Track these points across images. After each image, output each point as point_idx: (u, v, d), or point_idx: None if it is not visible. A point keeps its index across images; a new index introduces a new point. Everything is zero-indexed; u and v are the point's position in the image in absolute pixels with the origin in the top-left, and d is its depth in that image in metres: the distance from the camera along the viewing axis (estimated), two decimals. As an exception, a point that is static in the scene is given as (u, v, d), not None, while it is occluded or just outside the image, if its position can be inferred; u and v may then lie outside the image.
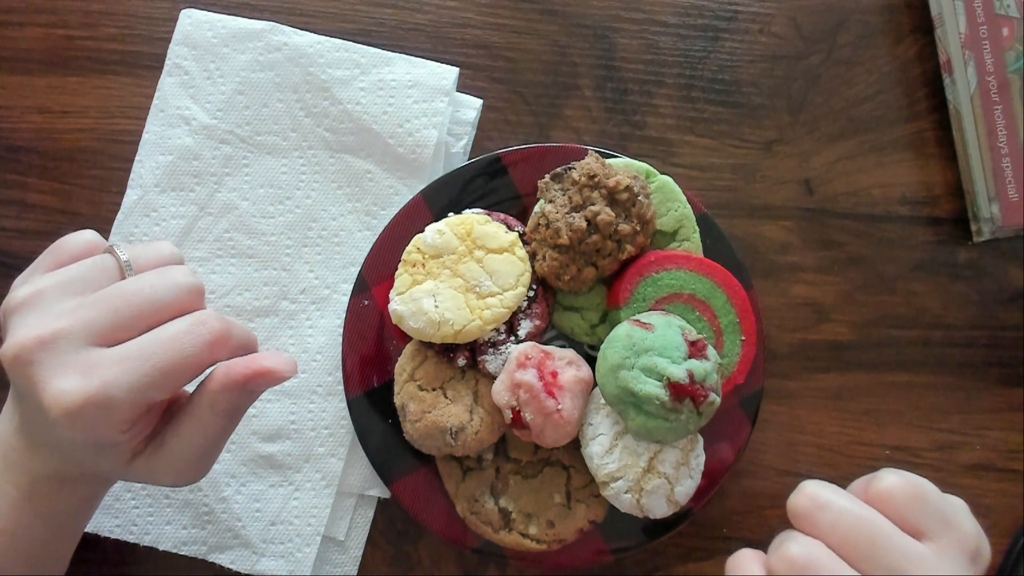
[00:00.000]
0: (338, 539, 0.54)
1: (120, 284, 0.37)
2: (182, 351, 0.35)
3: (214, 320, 0.37)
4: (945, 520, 0.35)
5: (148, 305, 0.36)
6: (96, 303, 0.36)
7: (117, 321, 0.36)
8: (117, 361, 0.35)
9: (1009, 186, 0.56)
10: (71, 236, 0.40)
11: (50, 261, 0.39)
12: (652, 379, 0.45)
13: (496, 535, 0.51)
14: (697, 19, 0.60)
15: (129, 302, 0.36)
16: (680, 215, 0.52)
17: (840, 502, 0.35)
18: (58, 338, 0.35)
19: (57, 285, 0.37)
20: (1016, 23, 0.56)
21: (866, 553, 0.33)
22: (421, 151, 0.55)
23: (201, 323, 0.36)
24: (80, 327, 0.35)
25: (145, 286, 0.37)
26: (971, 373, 0.58)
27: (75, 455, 0.38)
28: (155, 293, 0.37)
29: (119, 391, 0.34)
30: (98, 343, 0.35)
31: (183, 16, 0.57)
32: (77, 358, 0.34)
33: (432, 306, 0.49)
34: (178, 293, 0.37)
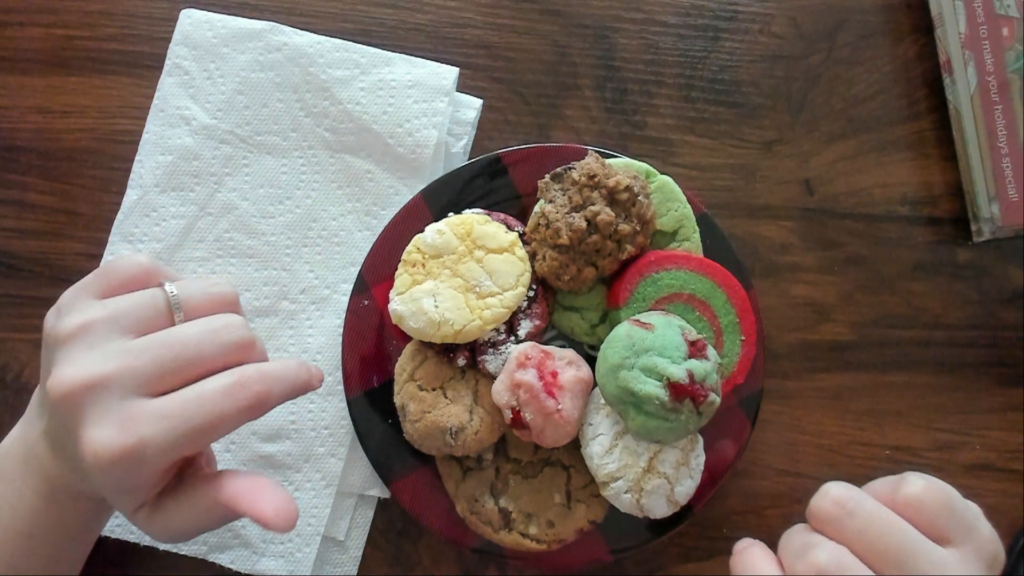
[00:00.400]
0: (338, 539, 0.54)
1: (169, 333, 0.37)
2: (221, 414, 0.35)
3: (256, 382, 0.36)
4: (968, 527, 0.35)
5: (195, 360, 0.36)
6: (143, 352, 0.36)
7: (162, 373, 0.35)
8: (156, 418, 0.35)
9: (1009, 186, 0.56)
10: (124, 260, 0.39)
11: (102, 286, 0.38)
12: (652, 379, 0.45)
13: (496, 535, 0.51)
14: (697, 19, 0.60)
15: (177, 356, 0.36)
16: (680, 215, 0.52)
17: (868, 507, 0.35)
18: (103, 385, 0.34)
19: (106, 321, 0.36)
20: (1016, 23, 0.56)
21: (894, 561, 0.34)
22: (421, 151, 0.55)
23: (242, 387, 0.36)
24: (126, 376, 0.35)
25: (193, 338, 0.36)
26: (971, 373, 0.58)
27: (97, 489, 0.39)
28: (202, 348, 0.36)
29: (153, 449, 0.34)
30: (141, 393, 0.35)
31: (183, 16, 0.57)
32: (119, 408, 0.34)
33: (432, 306, 0.49)
34: (226, 350, 0.37)
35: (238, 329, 0.38)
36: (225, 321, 0.37)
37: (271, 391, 0.37)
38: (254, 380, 0.36)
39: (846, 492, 0.36)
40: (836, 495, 0.36)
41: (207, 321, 0.37)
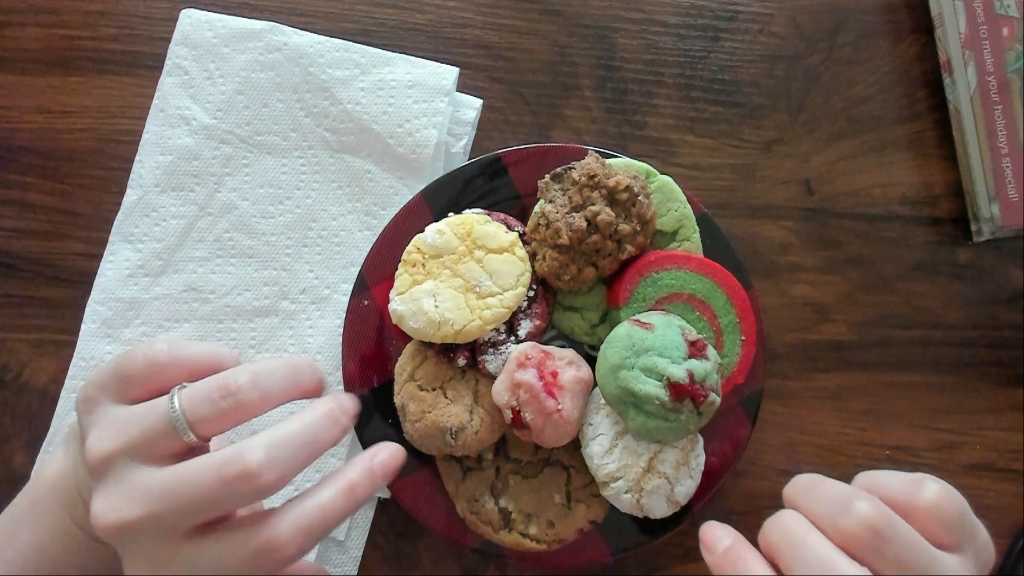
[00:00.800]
0: (338, 539, 0.54)
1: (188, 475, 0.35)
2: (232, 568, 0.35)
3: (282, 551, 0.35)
4: (972, 534, 0.35)
5: (213, 505, 0.35)
6: (165, 496, 0.35)
7: (184, 519, 0.35)
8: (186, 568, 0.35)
9: (1009, 186, 0.56)
10: (138, 357, 0.37)
11: (119, 389, 0.37)
12: (652, 379, 0.45)
13: (496, 535, 0.51)
14: (697, 19, 0.60)
15: (198, 503, 0.34)
16: (680, 215, 0.52)
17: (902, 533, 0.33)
18: (135, 530, 0.35)
19: (123, 453, 0.35)
20: (1016, 23, 0.56)
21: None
22: (421, 151, 0.55)
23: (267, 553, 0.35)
24: (151, 523, 0.35)
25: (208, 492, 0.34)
26: (971, 373, 0.58)
27: None
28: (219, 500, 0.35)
29: None
30: (172, 537, 0.35)
31: (183, 16, 0.57)
32: (155, 551, 0.35)
33: (432, 306, 0.49)
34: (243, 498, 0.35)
35: (259, 478, 0.34)
36: (242, 471, 0.34)
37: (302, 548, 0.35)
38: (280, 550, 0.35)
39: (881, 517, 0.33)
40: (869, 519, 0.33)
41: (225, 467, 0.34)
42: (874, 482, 0.36)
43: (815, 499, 0.35)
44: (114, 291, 0.55)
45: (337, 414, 0.38)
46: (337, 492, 0.36)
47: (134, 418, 0.36)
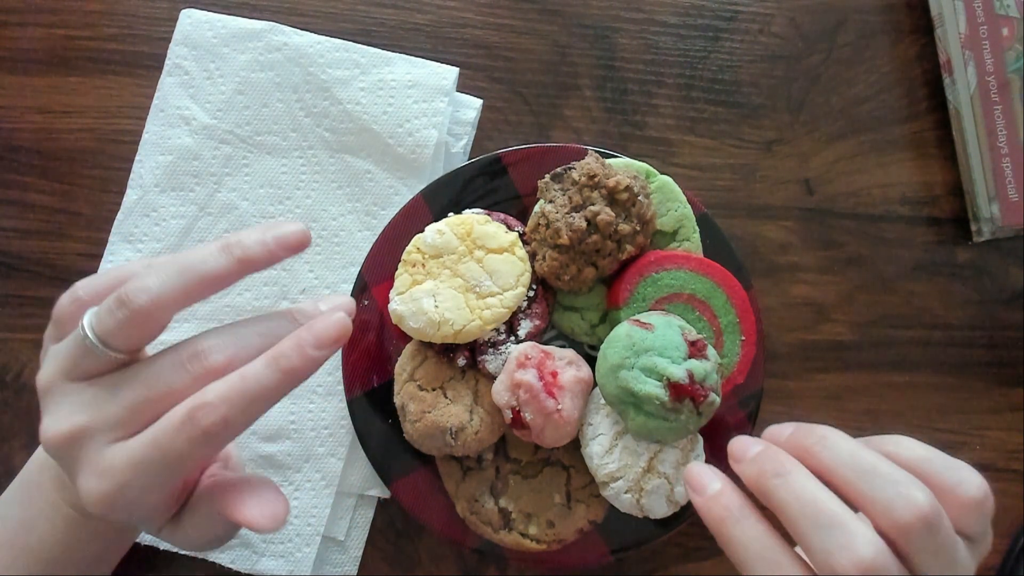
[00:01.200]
0: (338, 539, 0.54)
1: (136, 372, 0.35)
2: (175, 451, 0.34)
3: (205, 416, 0.34)
4: (987, 527, 0.35)
5: (165, 394, 0.35)
6: (111, 398, 0.35)
7: (133, 415, 0.35)
8: (128, 465, 0.34)
9: (1009, 186, 0.56)
10: (63, 301, 0.38)
11: (54, 332, 0.38)
12: (652, 379, 0.45)
13: (496, 535, 0.51)
14: (697, 19, 0.60)
15: (145, 396, 0.35)
16: (680, 215, 0.52)
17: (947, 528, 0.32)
18: (82, 436, 0.34)
19: (60, 373, 0.36)
20: (1016, 23, 0.56)
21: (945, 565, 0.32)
22: (421, 151, 0.55)
23: (189, 420, 0.34)
24: (100, 424, 0.35)
25: (160, 375, 0.35)
26: (971, 373, 0.58)
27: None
28: (171, 383, 0.35)
29: (135, 490, 0.34)
30: (117, 438, 0.35)
31: (183, 16, 0.57)
32: (98, 458, 0.34)
33: (432, 306, 0.49)
34: (196, 379, 0.35)
35: (208, 357, 0.35)
36: (192, 352, 0.35)
37: (226, 417, 0.34)
38: (205, 411, 0.34)
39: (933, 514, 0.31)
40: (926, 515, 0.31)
41: (175, 354, 0.35)
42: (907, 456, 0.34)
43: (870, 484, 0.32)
44: (114, 291, 0.55)
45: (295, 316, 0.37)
46: (263, 361, 0.35)
47: (61, 346, 0.36)
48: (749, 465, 0.34)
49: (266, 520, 0.35)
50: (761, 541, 0.33)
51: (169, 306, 0.35)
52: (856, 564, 0.29)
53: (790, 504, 0.32)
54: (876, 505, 0.31)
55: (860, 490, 0.32)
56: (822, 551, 0.30)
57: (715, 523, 0.34)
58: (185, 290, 0.35)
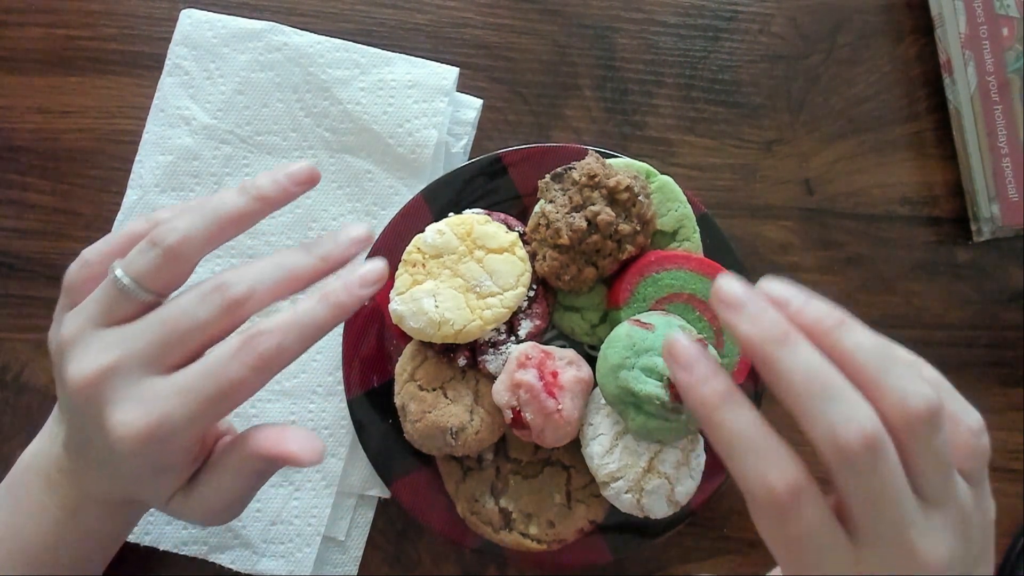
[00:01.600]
0: (338, 539, 0.54)
1: (162, 310, 0.36)
2: (230, 380, 0.35)
3: (261, 343, 0.35)
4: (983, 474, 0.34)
5: (195, 328, 0.35)
6: (140, 334, 0.36)
7: (165, 350, 0.35)
8: (175, 393, 0.35)
9: (1009, 186, 0.56)
10: (73, 269, 0.39)
11: (66, 300, 0.39)
12: (652, 379, 0.45)
13: (496, 535, 0.51)
14: (697, 19, 0.60)
15: (173, 330, 0.35)
16: (680, 215, 0.52)
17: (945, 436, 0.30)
18: (116, 370, 0.35)
19: (89, 320, 0.36)
20: (1016, 23, 0.56)
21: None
22: (421, 151, 0.55)
23: (247, 349, 0.35)
24: (134, 356, 0.35)
25: (185, 309, 0.36)
26: (971, 373, 0.58)
27: (127, 480, 0.38)
28: (196, 316, 0.35)
29: (177, 422, 0.35)
30: (154, 372, 0.35)
31: (183, 16, 0.57)
32: (138, 389, 0.35)
33: (432, 306, 0.49)
34: (218, 312, 0.36)
35: (229, 289, 0.36)
36: (214, 285, 0.36)
37: (280, 345, 0.35)
38: (260, 340, 0.35)
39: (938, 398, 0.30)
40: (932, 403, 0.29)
41: (197, 288, 0.36)
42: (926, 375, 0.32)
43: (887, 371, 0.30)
44: (114, 291, 0.55)
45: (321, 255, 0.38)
46: (315, 298, 0.37)
47: (87, 301, 0.37)
48: (749, 324, 0.30)
49: (308, 452, 0.36)
50: (754, 429, 0.30)
51: (197, 245, 0.36)
52: (862, 435, 0.28)
53: (795, 374, 0.29)
54: (892, 392, 0.30)
55: (876, 376, 0.30)
56: (826, 423, 0.29)
57: (704, 407, 0.31)
58: (210, 230, 0.37)
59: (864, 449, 0.28)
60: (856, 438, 0.28)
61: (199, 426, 0.35)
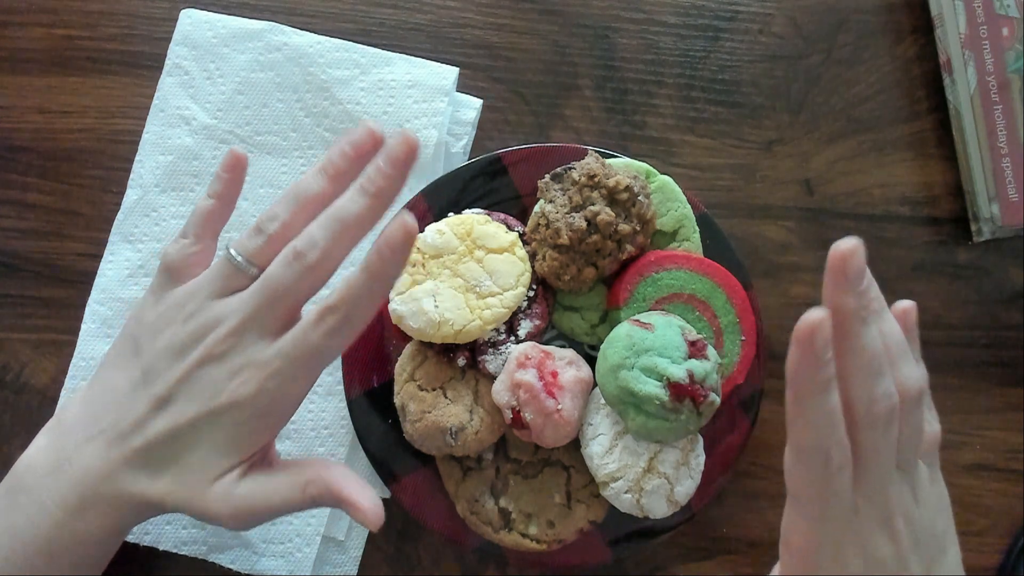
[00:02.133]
0: (338, 539, 0.54)
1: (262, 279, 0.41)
2: (316, 346, 0.40)
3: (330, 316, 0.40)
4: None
5: (285, 293, 0.40)
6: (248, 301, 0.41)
7: (265, 313, 0.40)
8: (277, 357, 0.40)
9: (1009, 186, 0.56)
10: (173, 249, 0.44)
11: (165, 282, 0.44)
12: (652, 379, 0.45)
13: (496, 535, 0.51)
14: (697, 19, 0.60)
15: (269, 295, 0.40)
16: (680, 215, 0.52)
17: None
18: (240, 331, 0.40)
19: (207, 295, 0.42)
20: (1016, 23, 0.56)
21: None
22: (421, 151, 0.55)
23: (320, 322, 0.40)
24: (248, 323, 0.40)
25: (275, 275, 0.40)
26: (971, 373, 0.58)
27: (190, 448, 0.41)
28: (284, 280, 0.40)
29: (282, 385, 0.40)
30: (266, 334, 0.41)
31: (183, 16, 0.57)
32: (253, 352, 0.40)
33: (432, 306, 0.49)
34: (303, 274, 0.40)
35: (305, 258, 0.40)
36: (295, 251, 0.40)
37: (349, 315, 0.40)
38: (328, 314, 0.40)
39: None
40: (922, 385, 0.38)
41: (283, 256, 0.41)
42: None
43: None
44: (114, 291, 0.55)
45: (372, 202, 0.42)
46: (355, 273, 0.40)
47: (199, 281, 0.43)
48: (854, 298, 0.35)
49: (373, 516, 0.40)
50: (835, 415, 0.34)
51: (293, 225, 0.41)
52: (890, 407, 0.35)
53: (867, 351, 0.35)
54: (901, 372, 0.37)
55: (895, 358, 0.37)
56: (869, 392, 0.35)
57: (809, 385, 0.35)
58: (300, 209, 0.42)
59: (887, 415, 0.35)
60: (885, 408, 0.35)
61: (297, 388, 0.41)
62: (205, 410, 0.40)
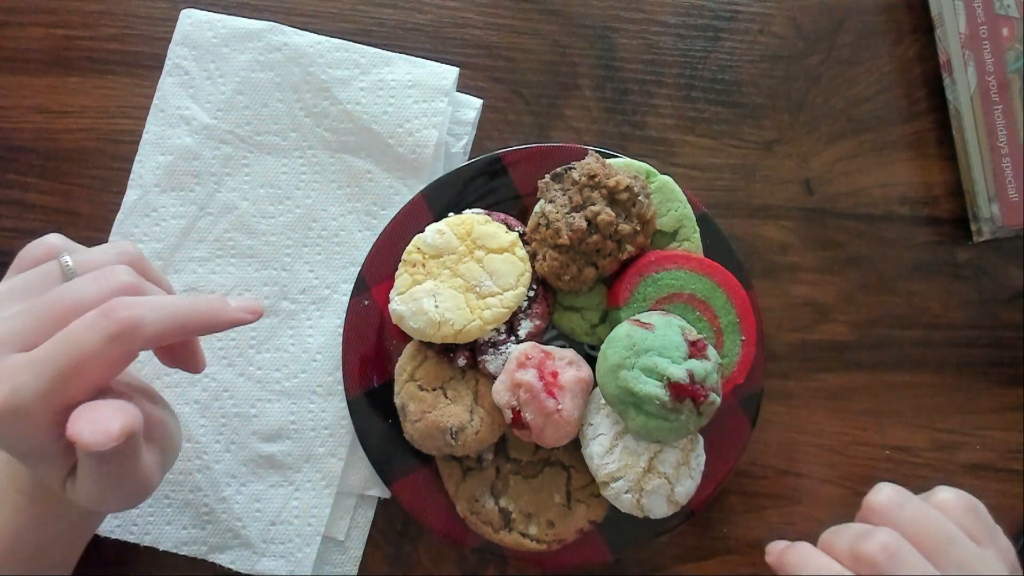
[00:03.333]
0: (338, 539, 0.54)
1: (53, 291, 0.35)
2: (83, 347, 0.33)
3: (121, 309, 0.33)
4: (992, 532, 0.41)
5: (72, 308, 0.34)
6: (25, 311, 0.35)
7: (39, 326, 0.34)
8: (25, 366, 0.33)
9: (1009, 186, 0.56)
10: (33, 244, 0.39)
11: (13, 271, 0.39)
12: (652, 379, 0.45)
13: (496, 535, 0.51)
14: (697, 19, 0.60)
15: (53, 306, 0.34)
16: (680, 215, 0.52)
17: (917, 502, 0.41)
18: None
19: (3, 292, 0.36)
20: (1016, 23, 0.56)
21: (941, 548, 0.38)
22: (421, 151, 0.55)
23: (105, 314, 0.33)
24: (6, 334, 0.34)
25: (71, 291, 0.35)
26: (971, 373, 0.58)
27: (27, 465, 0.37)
28: (81, 296, 0.35)
29: (27, 396, 0.33)
30: (21, 349, 0.34)
31: (183, 16, 0.57)
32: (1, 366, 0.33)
33: (432, 306, 0.49)
34: (103, 296, 0.35)
35: (120, 275, 0.36)
36: (108, 269, 0.36)
37: (143, 317, 0.33)
38: (121, 306, 0.33)
39: (896, 489, 0.41)
40: (888, 491, 0.41)
41: (92, 275, 0.36)
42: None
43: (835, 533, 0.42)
44: (114, 291, 0.55)
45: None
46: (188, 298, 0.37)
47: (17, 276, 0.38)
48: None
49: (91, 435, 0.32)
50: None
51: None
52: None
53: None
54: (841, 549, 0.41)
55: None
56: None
57: None
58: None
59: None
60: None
61: (50, 401, 0.33)
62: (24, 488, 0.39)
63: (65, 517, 0.42)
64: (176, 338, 0.36)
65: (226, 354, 0.54)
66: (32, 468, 0.37)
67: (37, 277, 0.37)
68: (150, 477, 0.38)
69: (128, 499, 0.39)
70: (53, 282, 0.37)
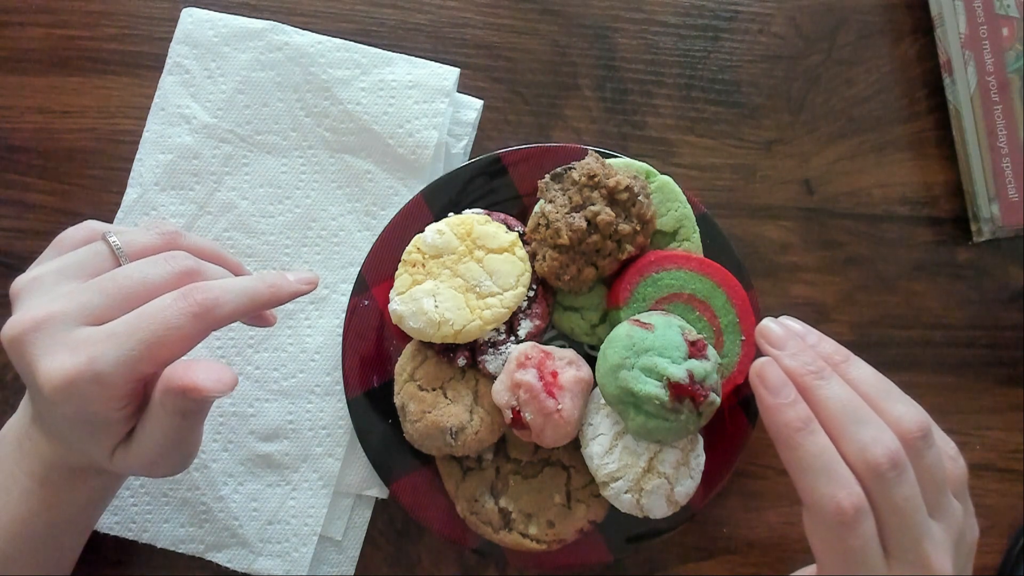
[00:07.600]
0: (335, 539, 0.54)
1: (115, 271, 0.38)
2: (166, 323, 0.35)
3: (200, 292, 0.37)
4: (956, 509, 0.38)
5: (140, 289, 0.37)
6: (89, 287, 0.37)
7: (108, 302, 0.36)
8: (105, 337, 0.35)
9: (1009, 186, 0.56)
10: (72, 228, 0.41)
11: (52, 253, 0.41)
12: (652, 379, 0.45)
13: (496, 535, 0.51)
14: (697, 19, 0.60)
15: (121, 287, 0.37)
16: (680, 215, 0.52)
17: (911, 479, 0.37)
18: (51, 319, 0.36)
19: (54, 271, 0.38)
20: (1016, 23, 0.56)
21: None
22: (421, 152, 0.55)
23: (185, 296, 0.36)
24: (73, 309, 0.36)
25: (137, 270, 0.38)
26: (971, 373, 0.58)
27: (72, 437, 0.39)
28: (146, 278, 0.37)
29: (107, 365, 0.35)
30: (90, 323, 0.36)
31: (184, 15, 0.57)
32: (68, 337, 0.35)
33: (432, 306, 0.49)
34: (170, 277, 0.38)
35: (181, 260, 0.39)
36: (169, 254, 0.39)
37: (219, 299, 0.37)
38: (199, 290, 0.37)
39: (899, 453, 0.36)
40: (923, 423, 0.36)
41: (152, 257, 0.39)
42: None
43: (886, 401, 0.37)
44: (114, 291, 0.55)
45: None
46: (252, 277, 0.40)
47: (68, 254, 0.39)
48: (791, 359, 0.38)
49: (212, 383, 0.35)
50: (828, 454, 0.35)
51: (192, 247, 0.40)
52: (889, 453, 0.34)
53: (831, 400, 0.36)
54: (891, 414, 0.36)
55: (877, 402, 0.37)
56: (859, 443, 0.34)
57: (786, 429, 0.36)
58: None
59: (890, 465, 0.34)
60: (884, 456, 0.34)
61: (130, 370, 0.35)
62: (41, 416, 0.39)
63: (74, 502, 0.43)
64: (247, 314, 0.40)
65: (224, 353, 0.54)
66: (82, 439, 0.39)
67: (88, 256, 0.39)
68: (198, 444, 0.42)
69: (178, 463, 0.41)
70: (104, 261, 0.39)
